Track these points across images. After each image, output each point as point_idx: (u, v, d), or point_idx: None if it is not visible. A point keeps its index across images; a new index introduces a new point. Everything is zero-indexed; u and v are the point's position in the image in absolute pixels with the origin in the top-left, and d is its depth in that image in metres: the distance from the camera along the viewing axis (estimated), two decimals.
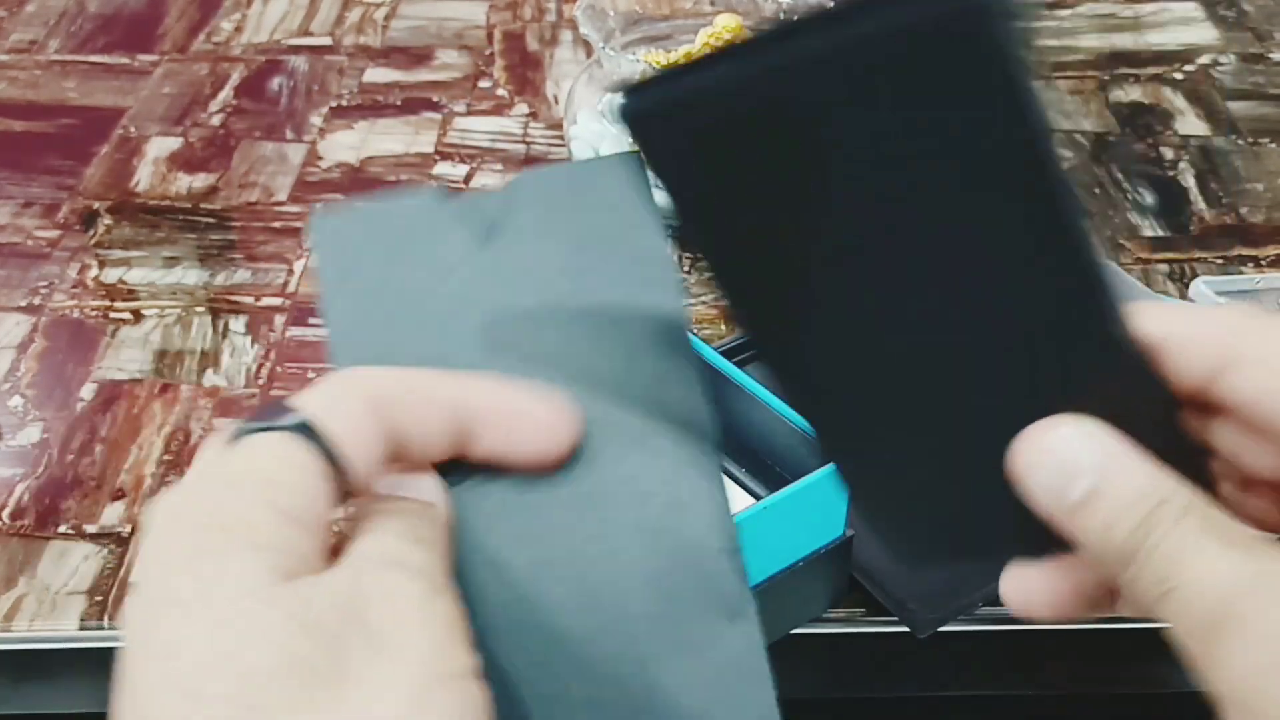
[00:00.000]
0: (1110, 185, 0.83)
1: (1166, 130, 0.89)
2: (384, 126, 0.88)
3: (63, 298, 0.74)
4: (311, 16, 1.01)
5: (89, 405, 0.67)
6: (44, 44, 0.98)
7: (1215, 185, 0.83)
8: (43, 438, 0.65)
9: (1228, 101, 0.92)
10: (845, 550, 0.52)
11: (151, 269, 0.76)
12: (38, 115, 0.90)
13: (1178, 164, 0.86)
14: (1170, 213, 0.81)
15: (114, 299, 0.74)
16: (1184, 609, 0.26)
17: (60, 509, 0.61)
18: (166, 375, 0.68)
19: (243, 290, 0.74)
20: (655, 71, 0.27)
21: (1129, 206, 0.81)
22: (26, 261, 0.77)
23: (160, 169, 0.84)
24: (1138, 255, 0.77)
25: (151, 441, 0.64)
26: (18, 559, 0.58)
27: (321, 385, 0.29)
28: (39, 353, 0.70)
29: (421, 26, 1.00)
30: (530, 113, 0.90)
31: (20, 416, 0.66)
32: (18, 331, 0.71)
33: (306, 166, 0.84)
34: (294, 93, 0.92)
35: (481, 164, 0.84)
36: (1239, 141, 0.88)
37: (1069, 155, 0.86)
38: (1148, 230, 0.79)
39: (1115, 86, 0.94)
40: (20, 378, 0.68)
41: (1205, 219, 0.81)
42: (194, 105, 0.91)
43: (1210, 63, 0.96)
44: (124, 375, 0.69)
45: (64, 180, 0.83)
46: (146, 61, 0.96)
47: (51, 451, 0.64)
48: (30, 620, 0.56)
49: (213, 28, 1.00)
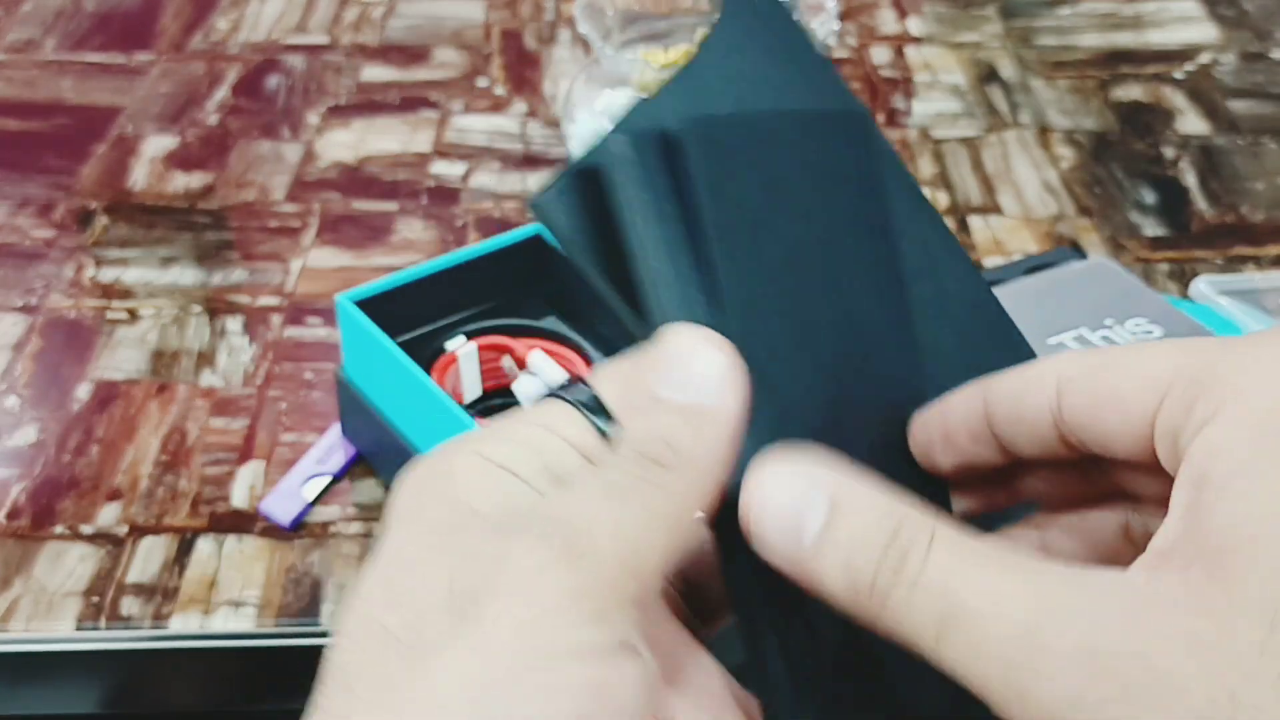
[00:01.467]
0: (1111, 184, 0.83)
1: (1167, 129, 0.89)
2: (381, 125, 0.88)
3: (59, 297, 0.74)
4: (309, 15, 1.01)
5: (85, 405, 0.66)
6: (40, 43, 0.98)
7: (1216, 184, 0.83)
8: (39, 438, 0.64)
9: (1228, 100, 0.92)
10: None
11: (148, 268, 0.76)
12: (34, 114, 0.90)
13: (1178, 163, 0.85)
14: (1171, 212, 0.81)
15: (110, 299, 0.73)
16: (974, 644, 0.24)
17: (56, 510, 0.60)
18: (163, 375, 0.68)
19: (239, 290, 0.74)
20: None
21: (1129, 206, 0.81)
22: (22, 261, 0.76)
23: (157, 168, 0.84)
24: (1138, 255, 0.77)
25: (148, 442, 0.64)
26: (14, 560, 0.58)
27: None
28: (35, 353, 0.70)
29: (419, 25, 1.00)
30: (528, 111, 0.89)
31: (16, 416, 0.66)
32: (14, 331, 0.71)
33: (303, 166, 0.84)
34: (291, 91, 0.92)
35: (479, 163, 0.84)
36: (1239, 140, 0.87)
37: (1069, 154, 0.86)
38: (1148, 229, 0.79)
39: (1116, 85, 0.93)
40: (16, 378, 0.68)
41: (1206, 218, 0.80)
42: (190, 104, 0.90)
43: (1211, 61, 0.96)
44: (120, 375, 0.68)
45: (60, 179, 0.83)
46: (143, 60, 0.95)
47: (47, 452, 0.64)
48: (26, 621, 0.55)
49: (209, 26, 1.00)
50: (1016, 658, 0.24)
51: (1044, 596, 0.24)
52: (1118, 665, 0.23)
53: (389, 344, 0.56)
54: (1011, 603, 0.24)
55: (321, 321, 0.71)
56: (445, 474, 0.27)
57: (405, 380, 0.56)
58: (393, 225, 0.79)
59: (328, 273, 0.75)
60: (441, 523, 0.26)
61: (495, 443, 0.27)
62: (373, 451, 0.62)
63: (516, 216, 0.79)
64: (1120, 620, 0.23)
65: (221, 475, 0.62)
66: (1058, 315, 0.64)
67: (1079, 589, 0.24)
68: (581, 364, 0.61)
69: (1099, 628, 0.23)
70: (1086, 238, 0.78)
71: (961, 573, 0.25)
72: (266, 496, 0.61)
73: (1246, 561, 0.23)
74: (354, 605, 0.25)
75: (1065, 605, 0.24)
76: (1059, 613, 0.24)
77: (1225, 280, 0.72)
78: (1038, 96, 0.92)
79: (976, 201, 0.81)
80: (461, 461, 0.27)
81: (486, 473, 0.26)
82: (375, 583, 0.25)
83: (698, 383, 0.27)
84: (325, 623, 0.56)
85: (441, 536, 0.25)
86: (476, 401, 0.62)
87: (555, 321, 0.64)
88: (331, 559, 0.58)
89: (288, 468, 0.62)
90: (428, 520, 0.26)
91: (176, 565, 0.58)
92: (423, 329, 0.62)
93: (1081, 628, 0.23)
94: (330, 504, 0.61)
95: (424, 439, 0.57)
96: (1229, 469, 0.24)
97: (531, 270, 0.63)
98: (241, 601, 0.56)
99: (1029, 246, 0.77)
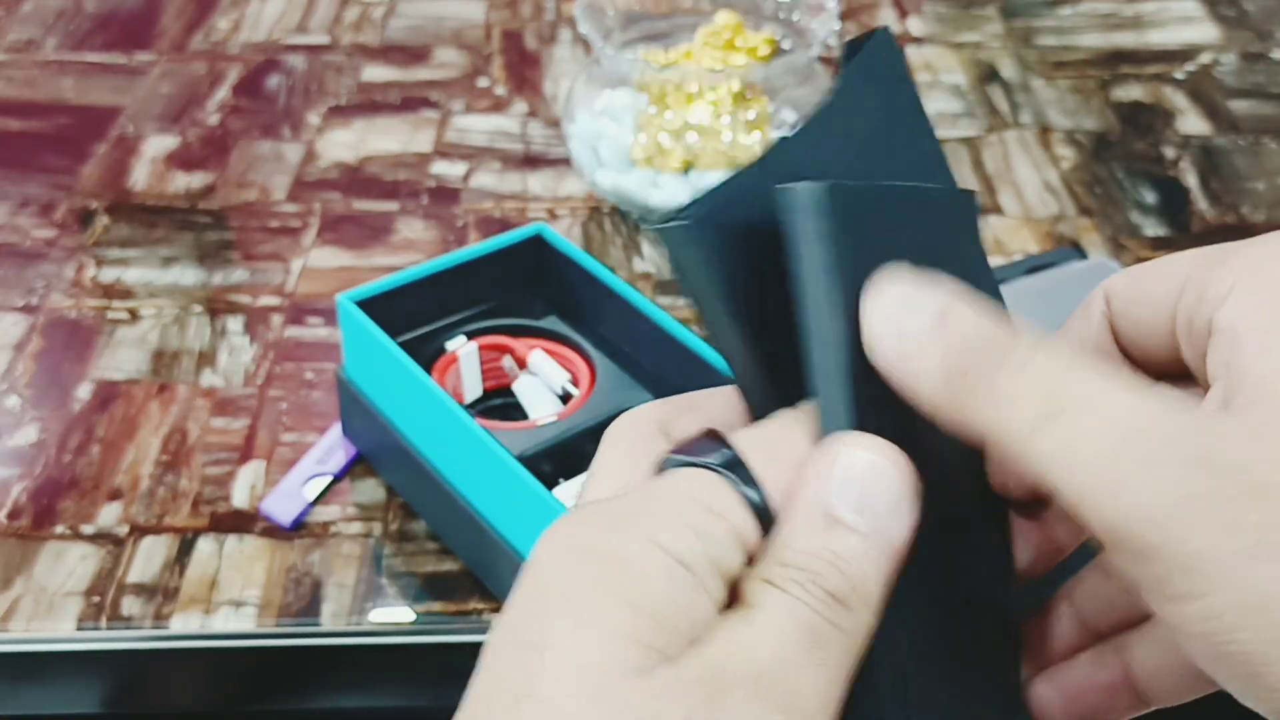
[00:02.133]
0: (1111, 184, 0.83)
1: (1168, 129, 0.89)
2: (382, 125, 0.88)
3: (60, 297, 0.74)
4: (309, 15, 1.01)
5: (86, 405, 0.66)
6: (41, 43, 0.98)
7: (1216, 184, 0.83)
8: (40, 438, 0.64)
9: (1229, 100, 0.92)
10: None
11: (149, 268, 0.76)
12: (35, 114, 0.90)
13: (1179, 163, 0.85)
14: (1171, 212, 0.81)
15: (111, 298, 0.73)
16: (1076, 436, 0.24)
17: (57, 509, 0.60)
18: (164, 375, 0.68)
19: (240, 290, 0.74)
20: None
21: (1130, 206, 0.81)
22: (23, 261, 0.76)
23: (157, 168, 0.84)
24: (1139, 255, 0.77)
25: (149, 442, 0.64)
26: (14, 560, 0.58)
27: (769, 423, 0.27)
28: (36, 352, 0.70)
29: (419, 25, 1.00)
30: (529, 111, 0.89)
31: (17, 416, 0.66)
32: (15, 331, 0.71)
33: (304, 166, 0.84)
34: (291, 91, 0.92)
35: (480, 163, 0.84)
36: (1240, 140, 0.87)
37: (1070, 154, 0.86)
38: (1149, 230, 0.79)
39: (1116, 85, 0.93)
40: (17, 378, 0.68)
41: (1206, 218, 0.80)
42: (191, 104, 0.90)
43: (1211, 62, 0.96)
44: (121, 375, 0.68)
45: (61, 179, 0.83)
46: (144, 60, 0.95)
47: (48, 451, 0.64)
48: (27, 621, 0.55)
49: (210, 26, 1.00)
50: (1124, 454, 0.24)
51: (1155, 405, 0.24)
52: (1226, 474, 0.23)
53: (389, 344, 0.56)
54: (1122, 404, 0.24)
55: (322, 321, 0.71)
56: (616, 561, 0.24)
57: (406, 380, 0.56)
58: (393, 225, 0.79)
59: (328, 273, 0.75)
60: (628, 638, 0.23)
61: (668, 531, 0.24)
62: (373, 451, 0.62)
63: (517, 217, 0.79)
64: (1222, 438, 0.24)
65: (222, 475, 0.62)
66: (1058, 315, 0.64)
67: (1183, 408, 0.25)
68: (582, 364, 0.61)
69: (1209, 437, 0.24)
70: (1087, 238, 0.78)
71: (1070, 370, 0.25)
72: (267, 496, 0.61)
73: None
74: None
75: (1176, 418, 0.24)
76: (1170, 423, 0.24)
77: None
78: (1038, 96, 0.92)
79: (977, 202, 0.81)
80: (635, 550, 0.24)
81: (667, 572, 0.24)
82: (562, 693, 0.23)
83: (878, 507, 0.26)
84: (325, 623, 0.56)
85: (633, 677, 0.23)
86: (477, 401, 0.62)
87: (555, 321, 0.64)
88: (332, 559, 0.58)
89: (288, 468, 0.62)
90: (608, 627, 0.23)
91: (177, 565, 0.58)
92: (423, 329, 0.62)
93: (1193, 438, 0.24)
94: (331, 504, 0.61)
95: (424, 439, 0.57)
96: (1261, 325, 0.25)
97: (531, 270, 0.64)
98: (242, 601, 0.56)
99: (1030, 246, 0.77)
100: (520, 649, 0.23)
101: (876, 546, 0.25)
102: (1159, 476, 0.23)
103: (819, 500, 0.25)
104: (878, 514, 0.25)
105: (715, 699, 0.23)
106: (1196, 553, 0.23)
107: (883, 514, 0.26)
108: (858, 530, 0.25)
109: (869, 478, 0.26)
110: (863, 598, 0.25)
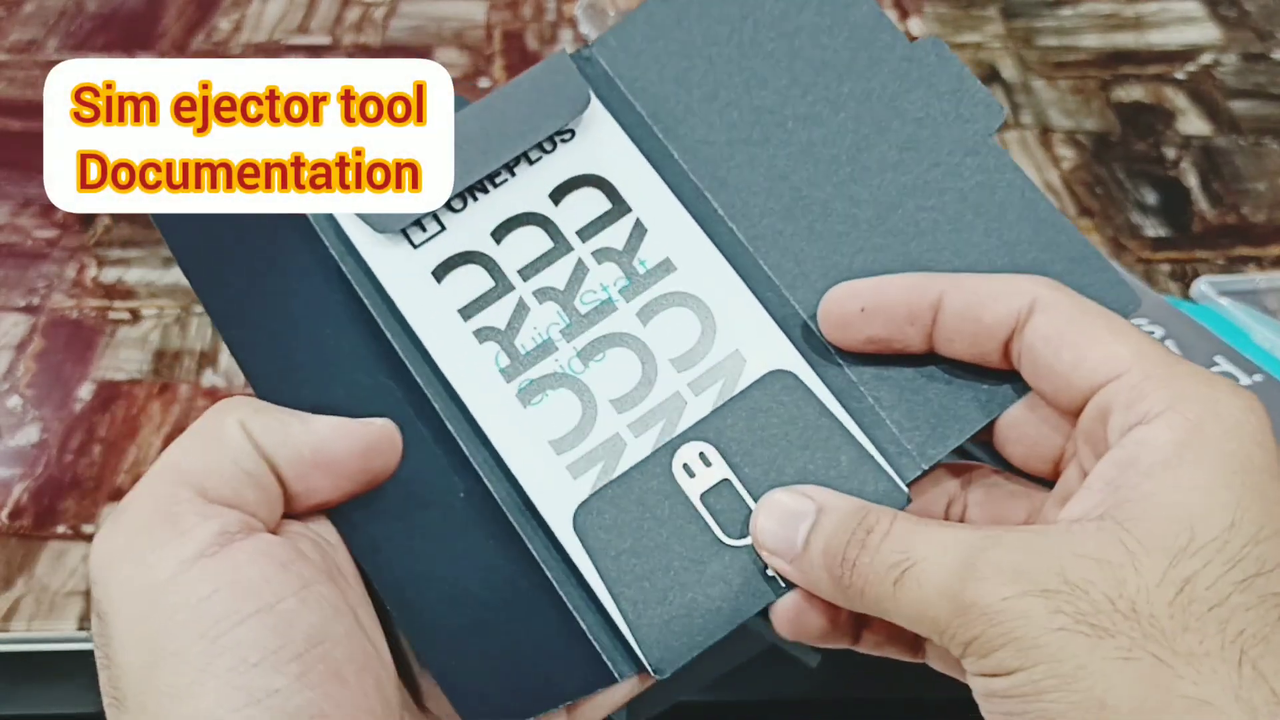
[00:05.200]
0: (1112, 185, 0.83)
1: (1168, 130, 0.89)
2: None
3: (61, 298, 0.74)
4: (310, 15, 1.01)
5: (87, 405, 0.66)
6: (43, 43, 0.98)
7: (1217, 185, 0.83)
8: (41, 438, 0.64)
9: (1230, 101, 0.92)
10: None
11: (150, 269, 0.76)
12: (36, 114, 0.90)
13: (1179, 164, 0.85)
14: (1172, 212, 0.81)
15: (113, 299, 0.74)
16: (922, 582, 0.30)
17: (58, 509, 0.61)
18: (165, 375, 0.68)
19: None
20: None
21: (1131, 206, 0.81)
22: (25, 261, 0.77)
23: None
24: (1139, 255, 0.77)
25: (150, 442, 0.64)
26: (16, 559, 0.58)
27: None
28: (37, 353, 0.70)
29: (421, 25, 1.00)
30: None
31: (19, 417, 0.66)
32: (16, 332, 0.71)
33: None
34: None
35: None
36: (1241, 141, 0.87)
37: (1071, 155, 0.86)
38: (1149, 230, 0.79)
39: (1117, 86, 0.93)
40: (19, 378, 0.68)
41: (1207, 219, 0.80)
42: None
43: (1212, 62, 0.96)
44: (122, 375, 0.68)
45: None
46: None
47: (50, 452, 0.64)
48: (28, 621, 0.56)
49: (211, 26, 1.00)
50: (954, 586, 0.29)
51: (980, 539, 0.30)
52: (1038, 577, 0.29)
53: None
54: (954, 546, 0.30)
55: None
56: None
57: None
58: None
59: None
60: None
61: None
62: None
63: None
64: (1041, 549, 0.29)
65: None
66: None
67: (1008, 534, 0.30)
68: None
69: (1025, 553, 0.29)
70: (1088, 238, 0.78)
71: (915, 534, 0.31)
72: None
73: (1158, 524, 0.29)
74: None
75: (997, 543, 0.30)
76: (991, 549, 0.30)
77: (1226, 281, 0.73)
78: (1039, 97, 0.92)
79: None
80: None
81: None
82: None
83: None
84: None
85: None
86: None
87: None
88: None
89: None
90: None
91: None
92: None
93: (1010, 556, 0.29)
94: None
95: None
96: (1156, 461, 0.30)
97: None
98: None
99: None
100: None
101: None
102: (984, 590, 0.29)
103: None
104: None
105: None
106: (1023, 635, 0.29)
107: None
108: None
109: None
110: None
